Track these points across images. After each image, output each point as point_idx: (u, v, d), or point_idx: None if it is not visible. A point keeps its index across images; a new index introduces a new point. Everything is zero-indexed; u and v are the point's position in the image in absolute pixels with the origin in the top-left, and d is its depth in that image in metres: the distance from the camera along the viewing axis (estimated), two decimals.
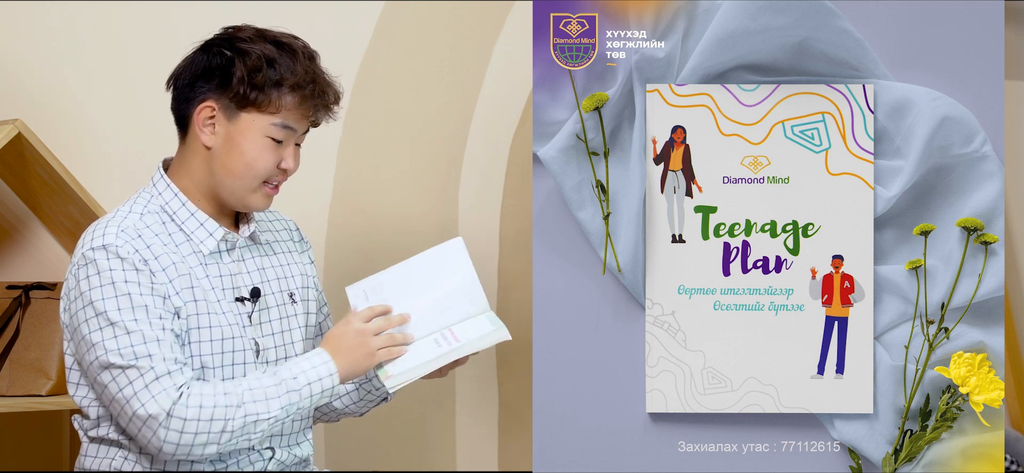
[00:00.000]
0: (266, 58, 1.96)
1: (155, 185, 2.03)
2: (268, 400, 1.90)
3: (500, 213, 3.00)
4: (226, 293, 2.01)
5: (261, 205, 2.02)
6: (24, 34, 2.59)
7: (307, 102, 1.98)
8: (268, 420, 1.90)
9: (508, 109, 2.96)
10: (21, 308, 2.47)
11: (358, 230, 2.88)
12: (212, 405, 1.87)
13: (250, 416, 1.89)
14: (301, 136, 2.03)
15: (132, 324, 1.88)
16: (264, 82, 1.95)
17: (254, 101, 1.96)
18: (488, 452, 3.02)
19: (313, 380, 1.94)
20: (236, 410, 1.88)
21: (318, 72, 2.00)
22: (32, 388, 2.41)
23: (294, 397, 1.92)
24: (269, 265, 2.09)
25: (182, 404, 1.86)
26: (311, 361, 1.95)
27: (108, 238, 1.92)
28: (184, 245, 1.99)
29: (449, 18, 2.93)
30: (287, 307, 2.08)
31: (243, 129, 1.97)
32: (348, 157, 2.87)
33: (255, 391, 1.91)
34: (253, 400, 1.90)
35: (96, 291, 1.89)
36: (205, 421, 1.86)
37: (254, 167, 1.98)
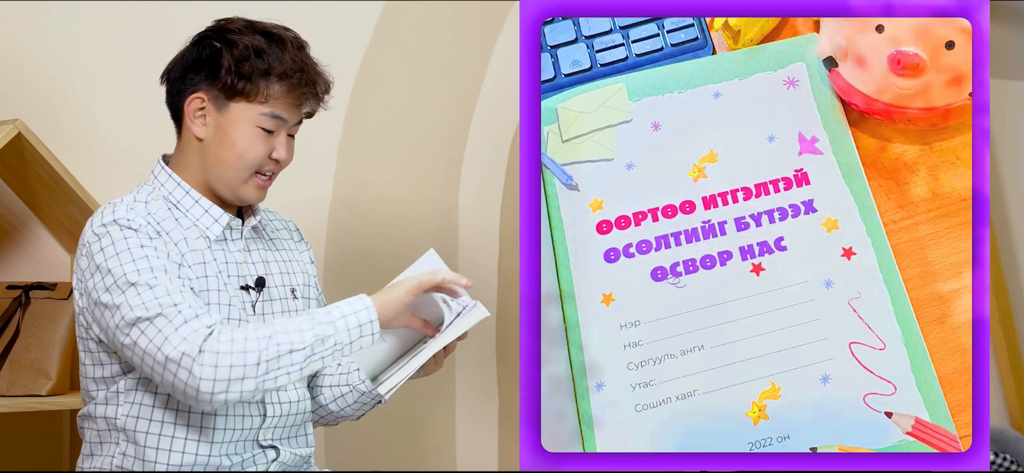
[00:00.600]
0: (254, 48, 1.97)
1: (156, 177, 2.04)
2: (301, 331, 1.89)
3: (500, 213, 3.00)
4: (232, 280, 2.01)
5: (254, 196, 2.03)
6: (24, 33, 2.59)
7: (296, 91, 1.99)
8: (302, 350, 1.89)
9: (508, 109, 2.97)
10: (21, 308, 2.47)
11: (358, 230, 2.88)
12: (244, 337, 1.86)
13: (283, 345, 1.87)
14: (293, 127, 2.04)
15: (153, 280, 1.88)
16: (252, 71, 1.96)
17: (242, 91, 1.97)
18: (488, 452, 3.02)
19: (347, 313, 1.93)
20: (268, 341, 1.87)
21: (307, 61, 2.01)
22: (32, 388, 2.41)
23: (328, 329, 1.91)
24: (273, 259, 2.10)
25: (214, 340, 1.85)
26: (348, 301, 1.96)
27: (119, 214, 1.94)
28: (191, 230, 2.00)
29: (449, 18, 2.94)
30: (289, 301, 2.08)
31: (233, 119, 1.98)
32: (348, 157, 2.87)
33: (288, 324, 1.90)
34: (285, 331, 1.89)
35: (113, 259, 1.90)
36: (239, 353, 1.85)
37: (245, 157, 1.99)
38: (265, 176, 2.03)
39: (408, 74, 2.91)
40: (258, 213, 2.10)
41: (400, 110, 2.91)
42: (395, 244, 2.91)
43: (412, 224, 2.92)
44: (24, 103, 2.56)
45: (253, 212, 2.09)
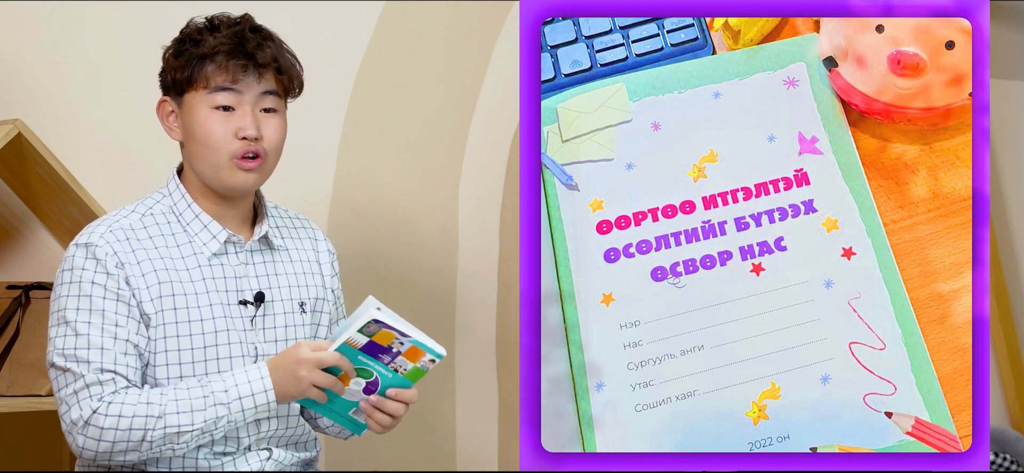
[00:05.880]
0: (189, 38, 2.01)
1: (167, 186, 2.07)
2: (193, 413, 1.91)
3: (500, 213, 3.00)
4: (228, 295, 2.01)
5: (243, 182, 2.02)
6: (24, 34, 2.59)
7: (230, 62, 1.99)
8: (190, 432, 1.91)
9: (508, 109, 2.97)
10: (21, 308, 2.47)
11: (358, 230, 2.88)
12: (131, 415, 1.90)
13: (170, 428, 1.90)
14: (259, 98, 2.02)
15: (83, 327, 1.92)
16: (189, 59, 1.99)
17: (188, 80, 2.00)
18: (488, 452, 3.02)
19: (244, 395, 1.93)
20: (157, 421, 1.90)
21: (244, 35, 2.01)
22: (32, 388, 2.41)
23: (222, 411, 1.92)
24: (281, 272, 2.09)
25: (101, 413, 1.89)
26: (248, 375, 1.94)
27: (93, 237, 1.97)
28: (185, 246, 2.01)
29: (449, 18, 2.94)
30: (295, 316, 2.08)
31: (190, 111, 2.01)
32: (348, 157, 2.87)
33: (180, 402, 1.92)
34: (177, 412, 1.91)
35: (63, 287, 1.95)
36: (123, 430, 1.89)
37: (209, 142, 2.00)
38: (247, 159, 2.01)
39: (408, 74, 2.91)
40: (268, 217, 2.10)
41: (400, 110, 2.91)
42: (395, 244, 2.91)
43: (412, 224, 2.92)
44: (24, 103, 2.56)
45: (262, 218, 2.09)
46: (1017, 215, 3.57)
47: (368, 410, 1.99)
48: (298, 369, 1.92)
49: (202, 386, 1.93)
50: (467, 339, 3.00)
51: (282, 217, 2.16)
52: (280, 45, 2.04)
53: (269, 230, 2.08)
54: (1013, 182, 3.57)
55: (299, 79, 2.06)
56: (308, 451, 2.12)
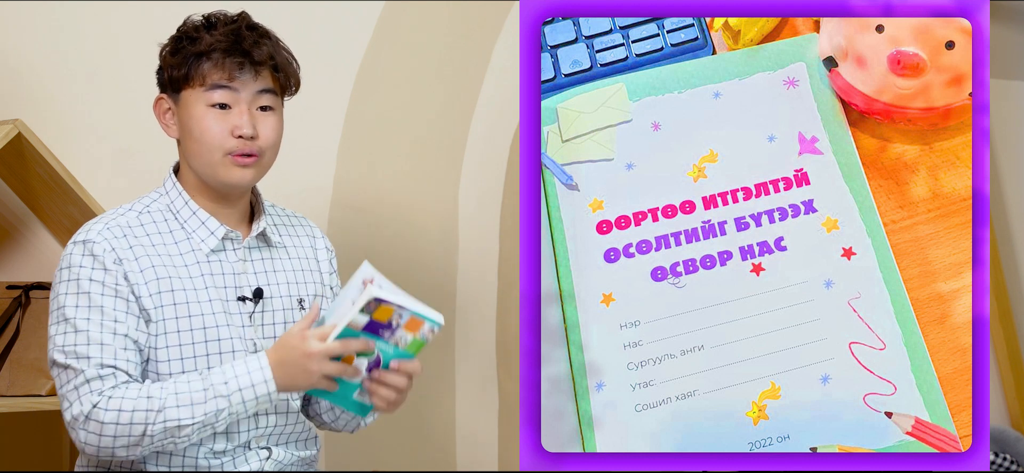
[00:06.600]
0: (186, 36, 2.01)
1: (164, 185, 2.07)
2: (193, 405, 1.91)
3: (500, 213, 3.00)
4: (226, 291, 2.01)
5: (238, 178, 2.02)
6: (24, 34, 2.59)
7: (227, 60, 2.00)
8: (191, 426, 1.91)
9: (508, 109, 2.97)
10: (21, 308, 2.47)
11: (358, 230, 2.88)
12: (131, 409, 1.89)
13: (170, 422, 1.90)
14: (255, 96, 2.02)
15: (82, 323, 1.93)
16: (186, 57, 2.00)
17: (185, 77, 2.00)
18: (488, 452, 3.02)
19: (244, 386, 1.93)
20: (157, 415, 1.90)
21: (241, 32, 2.01)
22: (32, 388, 2.41)
23: (222, 403, 1.92)
24: (280, 268, 2.09)
25: (101, 408, 1.90)
26: (248, 367, 1.93)
27: (91, 234, 1.97)
28: (183, 243, 2.02)
29: (449, 18, 2.94)
30: (293, 312, 2.08)
31: (187, 108, 2.01)
32: (348, 157, 2.87)
33: (180, 396, 1.91)
34: (177, 405, 1.91)
35: (62, 285, 1.96)
36: (123, 425, 1.89)
37: (204, 139, 2.00)
38: (243, 156, 2.01)
39: (408, 74, 2.91)
40: (266, 213, 2.10)
41: (400, 110, 2.91)
42: (395, 244, 2.91)
43: (412, 224, 2.92)
44: (24, 103, 2.56)
45: (260, 214, 2.09)
46: (1017, 215, 3.57)
47: (372, 388, 1.95)
48: (309, 363, 1.90)
49: (202, 379, 1.93)
50: (467, 339, 3.00)
51: (279, 215, 2.16)
52: (277, 43, 2.04)
53: (267, 227, 2.09)
54: (1013, 182, 3.57)
55: (296, 77, 2.06)
56: (308, 450, 2.12)
